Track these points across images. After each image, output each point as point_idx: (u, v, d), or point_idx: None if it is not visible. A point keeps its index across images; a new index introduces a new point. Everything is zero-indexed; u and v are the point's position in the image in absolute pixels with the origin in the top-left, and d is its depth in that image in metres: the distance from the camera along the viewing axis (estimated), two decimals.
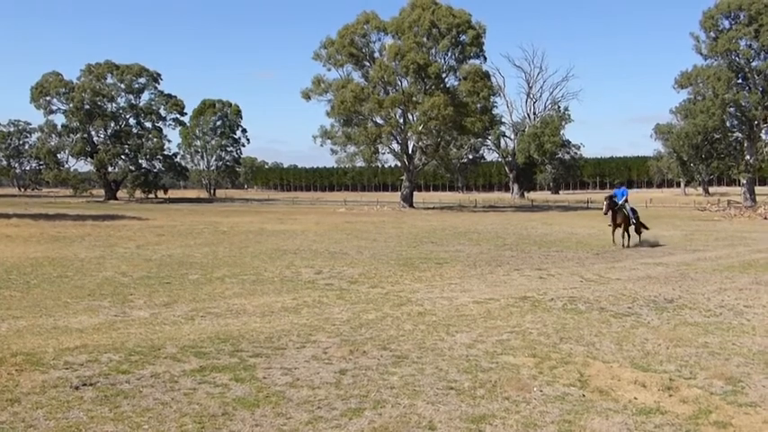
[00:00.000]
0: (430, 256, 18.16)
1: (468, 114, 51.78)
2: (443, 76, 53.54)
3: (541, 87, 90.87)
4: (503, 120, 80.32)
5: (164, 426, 5.27)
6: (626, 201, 21.39)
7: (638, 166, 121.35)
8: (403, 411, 5.68)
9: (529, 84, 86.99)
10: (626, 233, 21.10)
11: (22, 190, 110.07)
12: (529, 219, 38.60)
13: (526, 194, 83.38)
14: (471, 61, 54.48)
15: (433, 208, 56.25)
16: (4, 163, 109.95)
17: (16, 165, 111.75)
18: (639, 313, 10.19)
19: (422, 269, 15.15)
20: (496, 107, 65.07)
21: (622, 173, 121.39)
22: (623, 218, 20.97)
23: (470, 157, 77.87)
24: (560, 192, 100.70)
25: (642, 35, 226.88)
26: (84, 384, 6.21)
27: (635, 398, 6.10)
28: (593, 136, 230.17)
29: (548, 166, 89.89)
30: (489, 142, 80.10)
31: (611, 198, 21.33)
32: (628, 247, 20.59)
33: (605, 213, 21.71)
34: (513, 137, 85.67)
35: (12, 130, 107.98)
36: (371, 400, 5.94)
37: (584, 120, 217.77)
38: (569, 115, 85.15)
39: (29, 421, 5.29)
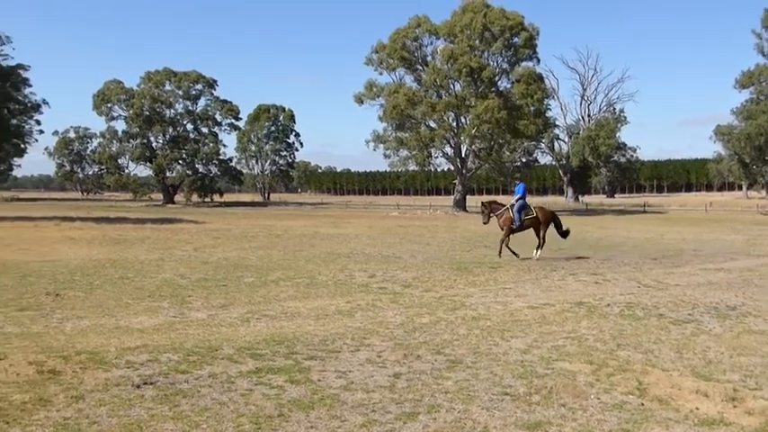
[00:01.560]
0: (483, 260, 18.04)
1: (522, 117, 51.35)
2: (496, 79, 53.19)
3: (596, 89, 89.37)
4: (557, 122, 79.53)
5: (221, 425, 5.36)
6: (521, 198, 18.90)
7: (696, 168, 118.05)
8: (457, 416, 5.65)
9: (583, 86, 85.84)
10: (540, 238, 18.75)
11: (85, 194, 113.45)
12: (584, 222, 38.01)
13: (581, 198, 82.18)
14: (524, 63, 54.08)
15: None
16: (68, 168, 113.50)
17: (79, 170, 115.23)
18: (700, 320, 9.93)
19: (475, 273, 15.06)
20: (550, 110, 64.33)
21: (681, 175, 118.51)
22: (532, 221, 18.77)
23: (524, 160, 77.06)
24: (616, 195, 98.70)
25: (700, 34, 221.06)
26: (145, 383, 6.36)
27: (696, 408, 5.93)
28: (649, 138, 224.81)
29: (603, 169, 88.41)
30: (543, 145, 79.29)
31: (490, 204, 19.67)
32: (537, 256, 18.20)
33: (485, 223, 19.83)
34: (567, 140, 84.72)
35: (74, 136, 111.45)
36: (426, 404, 5.93)
37: (640, 122, 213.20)
38: (625, 117, 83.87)
39: (93, 418, 5.44)
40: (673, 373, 6.99)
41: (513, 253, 18.42)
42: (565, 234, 19.31)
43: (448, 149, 56.99)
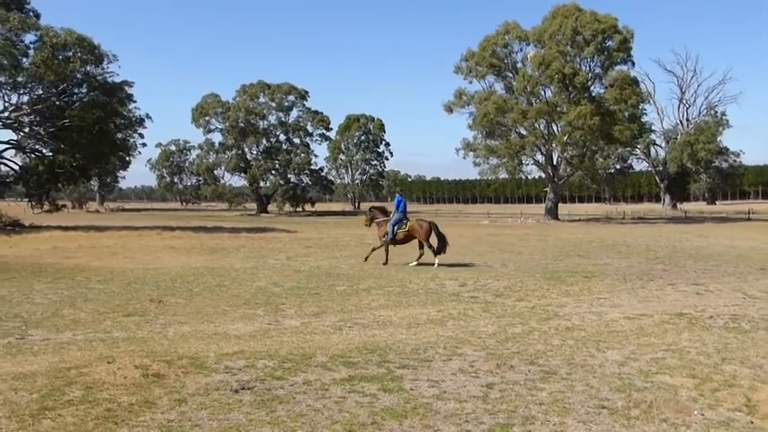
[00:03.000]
0: (577, 269, 17.64)
1: (616, 123, 49.92)
2: (589, 84, 51.98)
3: (695, 92, 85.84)
4: (653, 127, 76.93)
5: (316, 431, 5.44)
6: (401, 212, 19.01)
7: None
8: (553, 429, 5.54)
9: (681, 89, 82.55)
10: (429, 246, 18.56)
11: (184, 204, 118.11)
12: (682, 231, 36.59)
13: (678, 205, 79.05)
14: (618, 67, 52.58)
15: (579, 220, 54.64)
16: (168, 179, 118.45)
17: (178, 181, 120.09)
18: None
19: (569, 283, 14.74)
20: (646, 114, 62.45)
21: None
22: (405, 234, 18.90)
23: (618, 166, 74.85)
24: (717, 202, 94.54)
25: None
26: (243, 388, 6.54)
27: None
28: (755, 142, 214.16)
29: (702, 174, 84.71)
30: (638, 151, 76.78)
31: (376, 209, 20.35)
32: (436, 263, 18.13)
33: (367, 225, 20.71)
34: (663, 145, 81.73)
35: (174, 148, 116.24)
36: (520, 415, 5.84)
37: (744, 125, 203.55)
38: (727, 120, 79.94)
39: (195, 421, 5.63)
40: None
41: (386, 260, 18.79)
42: (439, 249, 18.57)
43: (539, 157, 56.11)
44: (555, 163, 55.81)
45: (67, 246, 24.10)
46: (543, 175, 58.74)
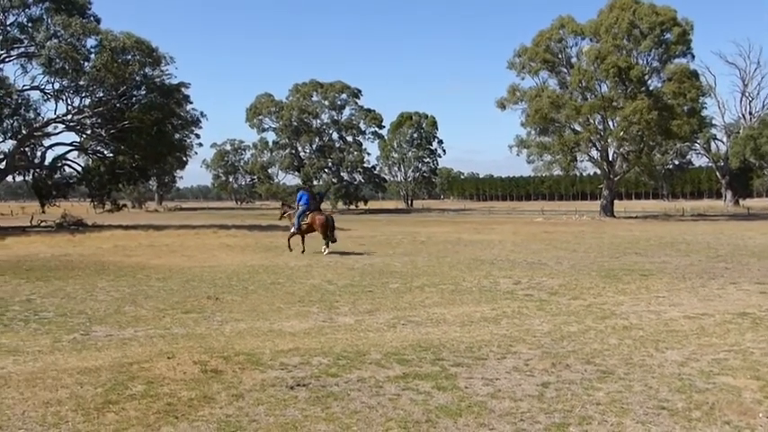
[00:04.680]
0: (634, 267, 17.30)
1: (674, 117, 48.66)
2: (646, 78, 50.84)
3: (759, 84, 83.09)
4: (713, 122, 74.67)
5: (371, 428, 5.48)
6: (304, 205, 21.68)
7: None
8: (610, 429, 5.45)
9: (744, 81, 79.92)
10: (324, 236, 21.27)
11: (239, 203, 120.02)
12: (745, 228, 35.52)
13: (741, 202, 76.76)
14: (677, 61, 51.21)
15: (636, 217, 53.55)
16: (223, 178, 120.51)
17: (233, 180, 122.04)
18: None
19: (625, 281, 14.47)
20: (706, 108, 60.67)
21: None
22: (307, 226, 21.44)
23: (676, 162, 73.29)
24: None
25: None
26: (299, 385, 6.63)
27: None
28: None
29: (766, 170, 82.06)
30: (698, 146, 74.86)
31: (286, 205, 24.16)
32: (324, 252, 20.93)
33: (280, 219, 24.23)
34: (725, 140, 79.36)
35: (229, 148, 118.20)
36: (576, 415, 5.77)
37: None
38: None
39: (252, 416, 5.73)
40: None
41: (294, 247, 21.68)
42: (332, 240, 21.45)
43: (594, 153, 55.18)
44: (611, 159, 54.78)
45: (128, 244, 24.77)
46: (598, 172, 57.79)
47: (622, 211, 59.20)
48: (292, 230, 21.86)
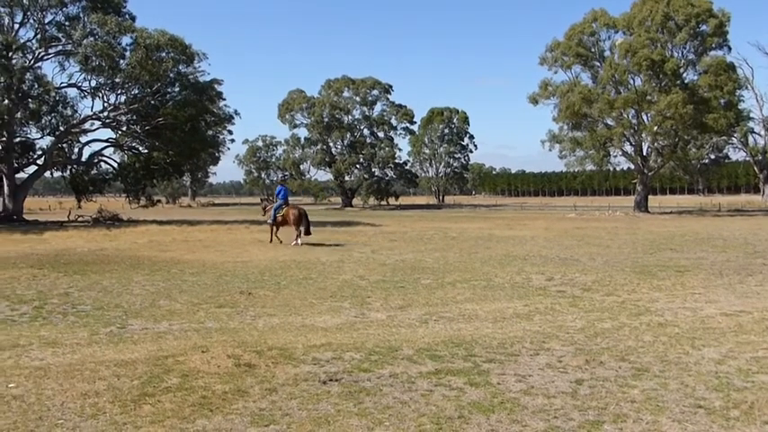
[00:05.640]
0: (669, 263, 17.06)
1: (710, 111, 47.74)
2: (681, 71, 50.00)
3: None
4: (751, 115, 73.24)
5: (403, 424, 5.49)
6: (282, 200, 23.54)
7: None
8: (645, 428, 5.39)
9: None
10: (297, 229, 22.43)
11: (271, 199, 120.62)
12: None
13: None
14: (713, 53, 50.24)
15: (671, 212, 52.75)
16: (256, 174, 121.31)
17: (265, 176, 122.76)
18: None
19: (660, 277, 14.28)
20: (743, 101, 59.43)
21: None
22: (283, 218, 22.77)
23: (712, 157, 71.77)
24: None
25: None
26: (331, 380, 6.67)
27: None
28: None
29: None
30: (735, 140, 73.33)
31: (266, 200, 26.35)
32: (294, 244, 22.23)
33: (263, 215, 25.55)
34: (763, 133, 77.71)
35: (261, 144, 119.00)
36: (611, 413, 5.71)
37: None
38: None
39: (285, 410, 5.78)
40: None
41: (275, 240, 23.21)
42: (305, 232, 22.52)
43: (627, 148, 54.44)
44: (645, 154, 54.03)
45: (162, 239, 25.09)
46: (632, 167, 57.02)
47: (657, 207, 58.38)
48: (269, 222, 23.51)
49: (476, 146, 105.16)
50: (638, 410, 5.77)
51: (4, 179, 39.05)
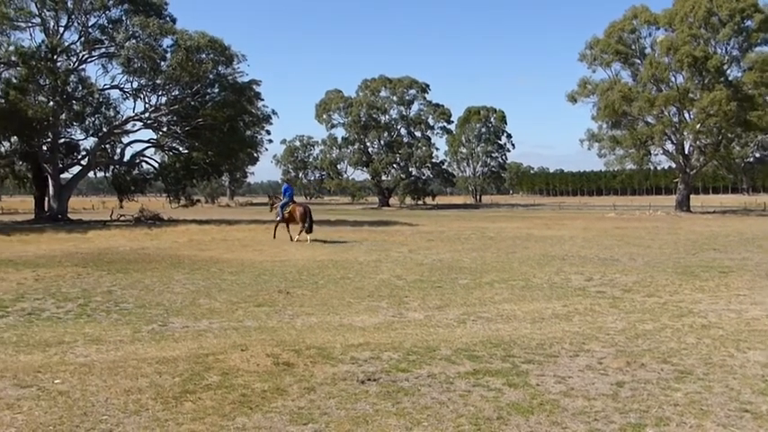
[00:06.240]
0: (712, 264, 16.74)
1: (755, 108, 46.71)
2: (725, 67, 48.98)
3: None
4: None
5: (442, 424, 5.47)
6: (288, 197, 24.87)
7: None
8: (689, 431, 5.30)
9: None
10: (302, 228, 23.58)
11: (308, 198, 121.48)
12: None
13: None
14: (758, 49, 49.16)
15: (713, 212, 51.73)
16: (293, 174, 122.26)
17: (303, 175, 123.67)
18: None
19: (703, 278, 14.01)
20: None
21: None
22: (289, 216, 24.02)
23: (757, 155, 70.09)
24: None
25: None
26: (369, 379, 6.68)
27: None
28: None
29: None
30: None
31: (274, 197, 27.73)
32: (294, 240, 23.42)
33: (270, 212, 26.82)
34: None
35: (299, 144, 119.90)
36: (653, 416, 5.62)
37: None
38: None
39: (323, 409, 5.81)
40: None
41: (277, 236, 24.52)
42: (308, 229, 23.52)
43: (669, 146, 53.55)
44: (686, 152, 53.07)
45: (202, 238, 25.41)
46: (674, 166, 56.05)
47: (699, 206, 57.31)
48: (278, 219, 24.86)
49: (513, 145, 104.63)
50: (682, 414, 5.67)
51: (50, 179, 39.95)
